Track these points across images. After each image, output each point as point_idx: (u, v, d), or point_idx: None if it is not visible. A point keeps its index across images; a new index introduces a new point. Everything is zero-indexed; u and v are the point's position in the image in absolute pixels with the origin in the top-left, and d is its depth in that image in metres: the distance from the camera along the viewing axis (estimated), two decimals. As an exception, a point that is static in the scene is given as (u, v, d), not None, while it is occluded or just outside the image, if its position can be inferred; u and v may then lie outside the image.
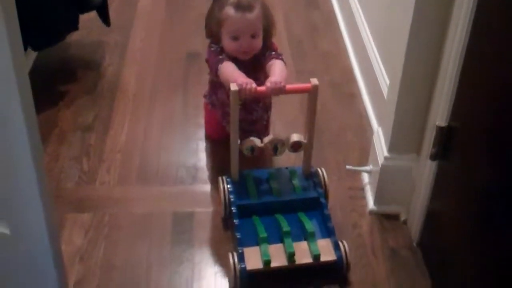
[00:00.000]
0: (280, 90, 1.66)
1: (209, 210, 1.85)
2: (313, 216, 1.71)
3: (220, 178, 1.77)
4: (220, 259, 1.69)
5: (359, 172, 1.99)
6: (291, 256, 1.58)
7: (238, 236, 1.61)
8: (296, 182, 1.78)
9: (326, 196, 1.77)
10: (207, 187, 1.94)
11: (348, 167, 1.95)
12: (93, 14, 2.46)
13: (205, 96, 2.00)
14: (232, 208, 1.69)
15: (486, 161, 1.42)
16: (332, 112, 2.28)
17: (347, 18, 2.76)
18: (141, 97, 2.33)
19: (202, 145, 2.11)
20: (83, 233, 1.75)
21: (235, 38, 1.75)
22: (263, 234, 1.62)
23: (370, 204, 1.89)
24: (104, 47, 2.61)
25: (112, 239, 1.75)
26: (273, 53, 1.81)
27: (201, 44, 2.60)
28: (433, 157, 1.61)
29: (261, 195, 1.74)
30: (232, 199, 1.71)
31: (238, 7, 1.73)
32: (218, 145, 2.04)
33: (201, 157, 2.06)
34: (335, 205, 1.84)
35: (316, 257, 1.59)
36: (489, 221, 1.40)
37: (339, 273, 1.63)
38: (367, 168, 1.94)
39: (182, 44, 2.65)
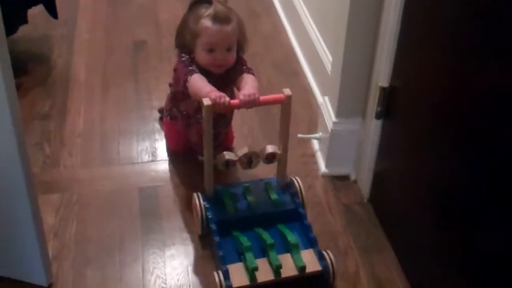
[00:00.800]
0: (253, 103, 1.63)
1: (171, 184, 1.95)
2: (293, 228, 1.68)
3: (194, 194, 1.73)
4: (188, 226, 1.80)
5: (310, 140, 2.14)
6: (277, 269, 1.55)
7: (220, 254, 1.57)
8: (272, 194, 1.74)
9: (303, 206, 1.75)
10: (167, 164, 2.04)
11: (299, 135, 2.09)
12: (36, 9, 2.51)
13: (162, 110, 2.00)
14: (211, 226, 1.65)
15: (425, 118, 1.58)
16: (278, 89, 2.39)
17: (284, 1, 2.91)
18: (93, 84, 2.41)
19: (157, 124, 2.20)
20: (54, 212, 1.82)
21: (211, 51, 1.72)
22: (246, 243, 1.58)
23: (322, 167, 2.03)
24: (52, 40, 2.66)
25: (83, 216, 1.83)
26: (244, 67, 1.80)
27: (146, 33, 2.71)
28: (378, 115, 1.77)
29: (239, 210, 1.70)
30: (210, 216, 1.67)
31: (216, 19, 1.70)
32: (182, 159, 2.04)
33: (157, 137, 2.15)
34: (290, 172, 1.96)
35: (302, 268, 1.57)
36: (431, 174, 1.56)
37: (325, 283, 1.61)
38: (317, 135, 2.09)
39: (128, 33, 2.74)
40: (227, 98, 1.60)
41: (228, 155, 1.67)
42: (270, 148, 1.70)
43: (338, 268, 1.63)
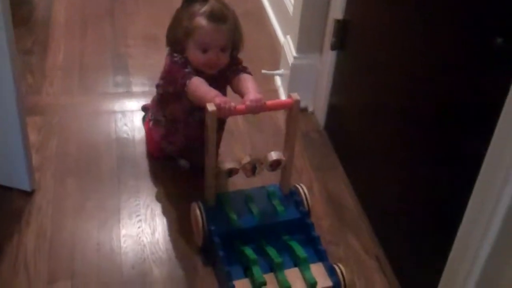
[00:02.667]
0: (260, 108, 1.54)
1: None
2: (299, 239, 1.59)
3: (194, 204, 1.63)
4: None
5: (273, 77, 2.33)
6: None
7: (227, 270, 1.47)
8: (276, 203, 1.65)
9: (309, 215, 1.67)
10: (140, 95, 2.22)
11: (263, 71, 2.27)
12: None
13: (145, 109, 1.95)
14: (214, 239, 1.53)
15: (375, 49, 1.77)
16: (247, 36, 2.58)
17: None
18: (73, 24, 2.58)
19: (132, 61, 2.38)
20: (36, 131, 1.99)
21: (204, 51, 1.61)
22: (252, 256, 1.50)
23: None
24: (33, -16, 2.81)
25: (63, 135, 2.00)
26: (240, 66, 1.71)
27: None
28: (333, 46, 1.96)
29: (242, 220, 1.59)
30: (212, 229, 1.55)
31: (211, 17, 1.59)
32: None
33: (131, 72, 2.32)
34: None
35: (313, 285, 1.48)
36: (380, 103, 1.75)
37: None
38: (280, 71, 2.28)
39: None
40: (233, 104, 1.51)
41: (230, 163, 1.59)
42: (274, 155, 1.60)
43: (293, 181, 1.75)
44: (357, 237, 1.74)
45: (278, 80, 2.32)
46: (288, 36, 2.24)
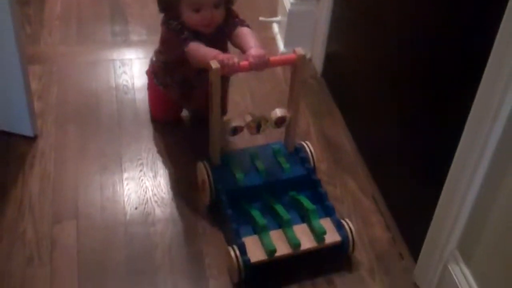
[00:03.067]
0: (264, 64, 1.51)
1: (145, 58, 2.14)
2: (306, 195, 1.58)
3: (200, 163, 1.63)
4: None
5: (271, 25, 2.34)
6: (296, 247, 1.47)
7: (235, 227, 1.47)
8: (282, 160, 1.65)
9: (315, 172, 1.66)
10: (141, 39, 2.23)
11: (261, 18, 2.28)
12: None
13: (151, 76, 1.84)
14: (221, 197, 1.55)
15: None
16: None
17: None
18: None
19: (129, 10, 2.39)
20: (37, 80, 2.01)
21: (197, 10, 1.58)
22: (262, 221, 1.49)
23: (281, 47, 2.24)
24: None
25: (63, 83, 2.02)
26: (236, 19, 1.67)
27: None
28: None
29: (249, 178, 1.59)
30: (219, 187, 1.56)
31: None
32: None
33: (129, 20, 2.33)
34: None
35: (322, 234, 1.48)
36: (375, 50, 1.76)
37: (344, 253, 1.53)
38: (277, 18, 2.28)
39: None
40: (236, 59, 1.48)
41: (235, 121, 1.57)
42: (279, 112, 1.59)
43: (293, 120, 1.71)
44: (354, 178, 1.78)
45: (275, 27, 2.33)
46: (286, -16, 2.24)
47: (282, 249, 1.46)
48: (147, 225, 1.59)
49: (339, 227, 1.51)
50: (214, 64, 1.45)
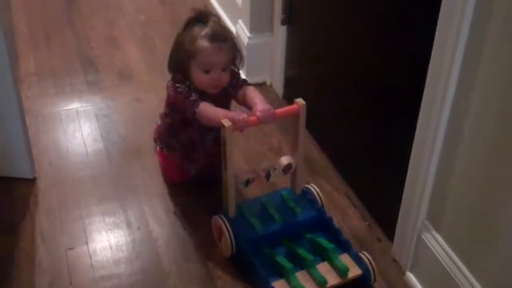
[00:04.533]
0: (271, 117, 1.63)
1: (120, 100, 2.33)
2: (322, 234, 1.69)
3: (216, 218, 1.71)
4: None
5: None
6: (323, 285, 1.56)
7: (263, 274, 1.56)
8: (292, 204, 1.75)
9: (324, 211, 1.77)
10: (114, 84, 2.43)
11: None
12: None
13: (156, 141, 1.93)
14: (243, 247, 1.62)
15: (320, 21, 2.03)
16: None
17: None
18: (36, 34, 2.78)
19: (98, 60, 2.58)
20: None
21: (207, 71, 1.68)
22: (288, 265, 1.58)
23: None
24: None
25: (51, 131, 2.20)
26: (240, 80, 1.80)
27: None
28: (282, 22, 2.23)
29: (266, 226, 1.68)
30: (240, 238, 1.64)
31: (213, 38, 1.67)
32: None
33: (100, 69, 2.53)
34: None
35: (345, 272, 1.57)
36: (331, 71, 2.02)
37: (366, 284, 1.62)
38: (236, 53, 2.52)
39: None
40: (245, 115, 1.59)
41: (247, 173, 1.68)
42: (285, 160, 1.70)
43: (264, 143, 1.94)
44: (327, 181, 2.00)
45: (235, 61, 2.56)
46: (240, 21, 2.49)
47: None
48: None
49: (358, 260, 1.61)
50: (226, 123, 1.55)
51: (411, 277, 1.65)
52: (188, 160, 1.86)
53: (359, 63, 1.82)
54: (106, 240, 1.77)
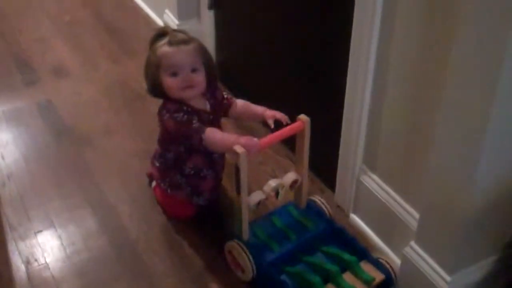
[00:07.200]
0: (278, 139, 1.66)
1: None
2: (338, 245, 1.69)
3: (232, 244, 1.67)
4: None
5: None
6: None
7: None
8: (302, 218, 1.75)
9: (334, 221, 1.78)
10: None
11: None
12: None
13: (158, 183, 1.88)
14: (266, 269, 1.61)
15: (248, 3, 2.20)
16: (128, 29, 2.95)
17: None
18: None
19: (33, 58, 2.66)
20: None
21: (174, 74, 1.68)
22: (316, 279, 1.57)
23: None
24: None
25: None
26: (228, 97, 1.84)
27: None
28: (209, 7, 2.39)
29: (283, 244, 1.68)
30: (261, 261, 1.62)
31: (172, 43, 1.68)
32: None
33: (35, 67, 2.61)
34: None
35: (371, 281, 1.58)
36: (259, 50, 2.20)
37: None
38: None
39: None
40: (256, 139, 1.59)
41: (258, 194, 1.66)
42: (291, 176, 1.71)
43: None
44: (269, 148, 2.16)
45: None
46: (166, 10, 2.63)
47: None
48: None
49: (379, 266, 1.61)
50: (239, 149, 1.52)
51: (354, 218, 1.86)
52: (197, 193, 1.83)
53: (286, 38, 2.01)
54: (71, 220, 1.89)
